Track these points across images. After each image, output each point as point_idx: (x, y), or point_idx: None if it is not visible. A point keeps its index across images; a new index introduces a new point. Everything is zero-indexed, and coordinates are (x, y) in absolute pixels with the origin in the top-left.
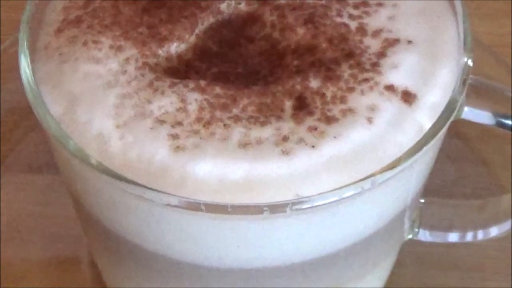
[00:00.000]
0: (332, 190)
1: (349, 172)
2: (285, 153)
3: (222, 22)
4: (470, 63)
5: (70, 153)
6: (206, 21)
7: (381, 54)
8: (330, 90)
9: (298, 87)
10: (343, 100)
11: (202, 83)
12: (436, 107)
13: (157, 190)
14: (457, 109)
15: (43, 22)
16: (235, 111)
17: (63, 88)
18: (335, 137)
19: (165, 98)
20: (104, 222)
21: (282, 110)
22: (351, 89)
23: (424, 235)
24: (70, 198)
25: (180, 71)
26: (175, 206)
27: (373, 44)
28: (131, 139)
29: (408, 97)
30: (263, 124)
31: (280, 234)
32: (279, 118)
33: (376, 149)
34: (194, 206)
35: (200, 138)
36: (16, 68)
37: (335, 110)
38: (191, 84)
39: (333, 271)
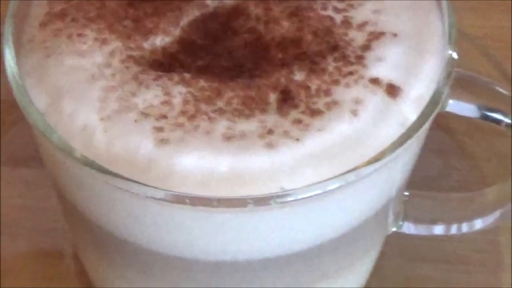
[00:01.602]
0: (316, 183)
1: (334, 165)
2: (270, 146)
3: (207, 15)
4: (455, 55)
5: (54, 146)
6: (191, 14)
7: (366, 47)
8: (314, 83)
9: (282, 80)
10: (327, 93)
11: (187, 76)
12: (421, 100)
13: (141, 183)
14: (441, 101)
15: (28, 15)
16: (220, 104)
17: (47, 81)
18: (319, 130)
19: (150, 91)
20: (89, 215)
21: (267, 103)
22: (335, 82)
23: (409, 228)
24: (55, 192)
25: (165, 64)
26: (159, 199)
27: (358, 37)
28: (116, 132)
29: (392, 90)
30: (247, 117)
31: (265, 227)
32: (263, 111)
33: (361, 142)
34: (179, 199)
35: (185, 131)
36: (0, 61)
37: (320, 103)
38: (176, 77)
39: (317, 263)
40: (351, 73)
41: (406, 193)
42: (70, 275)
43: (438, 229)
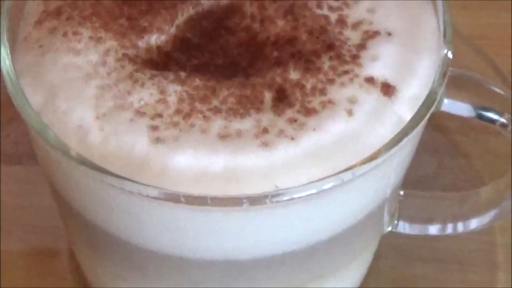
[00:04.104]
0: (311, 182)
1: (329, 164)
2: (265, 145)
3: (202, 13)
4: (450, 55)
5: (49, 144)
6: (186, 12)
7: (361, 46)
8: (310, 82)
9: (278, 79)
10: (322, 92)
11: (182, 74)
12: (416, 99)
13: (136, 182)
14: (436, 101)
15: (23, 13)
16: (215, 102)
17: (43, 79)
18: (314, 129)
19: (145, 89)
20: (84, 213)
21: (262, 102)
22: (331, 81)
23: (404, 228)
24: (50, 190)
25: (160, 62)
26: (154, 197)
27: (353, 36)
28: (111, 130)
29: (387, 89)
30: (242, 116)
31: (260, 226)
32: (259, 110)
33: (356, 141)
34: (174, 198)
35: (180, 130)
36: None
37: (315, 102)
38: (171, 76)
39: (312, 263)
40: (346, 72)
41: (401, 193)
42: (66, 273)
43: (433, 229)
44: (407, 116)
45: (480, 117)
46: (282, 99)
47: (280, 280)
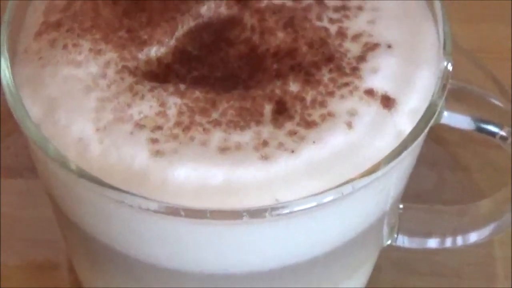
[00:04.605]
0: (311, 195)
1: (329, 177)
2: (265, 158)
3: (202, 25)
4: (449, 67)
5: (49, 157)
6: (186, 24)
7: (361, 58)
8: (310, 94)
9: (277, 91)
10: (322, 104)
11: (182, 87)
12: (416, 112)
13: (136, 195)
14: (436, 113)
15: (23, 24)
16: (215, 115)
17: (43, 91)
18: (314, 142)
19: (145, 102)
20: (84, 226)
21: (262, 115)
22: (330, 94)
23: (403, 241)
24: (50, 202)
25: (160, 74)
26: (154, 210)
27: (353, 48)
28: (111, 143)
29: (387, 101)
30: (242, 128)
31: (259, 239)
32: (258, 122)
33: (356, 154)
34: (173, 211)
35: (180, 143)
36: None
37: (315, 115)
38: (171, 88)
39: (311, 276)
40: (346, 84)
41: (401, 206)
42: (65, 286)
43: (433, 242)
44: (407, 128)
45: (480, 130)
46: (282, 111)
47: None
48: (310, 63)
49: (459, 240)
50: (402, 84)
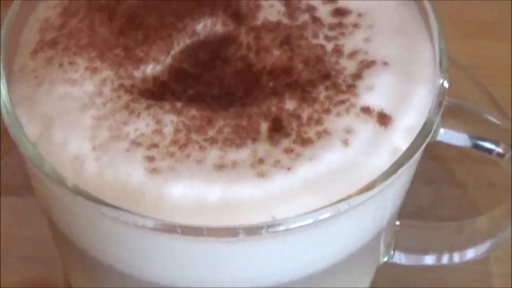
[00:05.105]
0: (307, 213)
1: (325, 194)
2: (261, 175)
3: (198, 43)
4: (446, 84)
5: (45, 175)
6: (182, 42)
7: (357, 76)
8: (306, 112)
9: (274, 109)
10: (319, 122)
11: (178, 105)
12: (412, 129)
13: (132, 212)
14: (433, 130)
15: (19, 43)
16: (211, 133)
17: (39, 110)
18: (310, 159)
19: (141, 120)
20: (80, 244)
21: (258, 132)
22: (327, 111)
23: (400, 258)
24: (46, 220)
25: (156, 92)
26: (151, 228)
27: (349, 66)
28: (107, 161)
29: (383, 119)
30: (238, 146)
31: (256, 256)
32: (255, 140)
33: (352, 171)
34: (170, 229)
35: (176, 160)
36: None
37: (311, 132)
38: (167, 106)
39: None
40: (342, 102)
41: (397, 223)
42: None
43: (429, 259)
44: (403, 145)
45: (477, 146)
46: (278, 129)
47: None
48: (306, 81)
49: (456, 257)
50: (398, 101)
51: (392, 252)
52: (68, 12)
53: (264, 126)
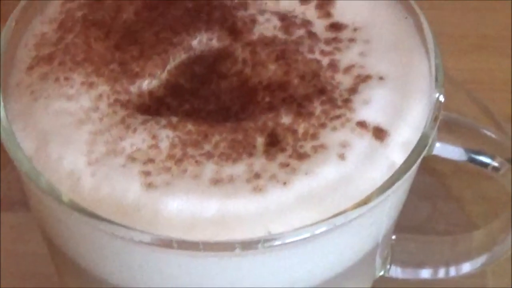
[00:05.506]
0: (304, 227)
1: (321, 209)
2: (257, 190)
3: (194, 58)
4: (441, 98)
5: (42, 190)
6: (178, 57)
7: (353, 90)
8: (302, 127)
9: (269, 123)
10: (314, 136)
11: (174, 119)
12: (408, 143)
13: (129, 227)
14: (428, 145)
15: (15, 58)
16: (207, 147)
17: (35, 125)
18: (306, 173)
19: (137, 135)
20: (76, 259)
21: (254, 147)
22: (323, 126)
23: (396, 272)
24: (41, 236)
25: (152, 107)
26: (146, 243)
27: (345, 80)
28: (103, 176)
29: (379, 133)
30: (235, 161)
31: (252, 271)
32: (251, 154)
33: (348, 185)
34: (166, 243)
35: (172, 175)
36: None
37: (307, 147)
38: (163, 121)
39: None
40: (338, 116)
41: (393, 237)
42: None
43: (426, 273)
44: (399, 160)
45: (472, 161)
46: (274, 143)
47: None
48: (302, 96)
49: (452, 271)
50: (394, 115)
51: (388, 266)
52: (63, 27)
53: (260, 140)
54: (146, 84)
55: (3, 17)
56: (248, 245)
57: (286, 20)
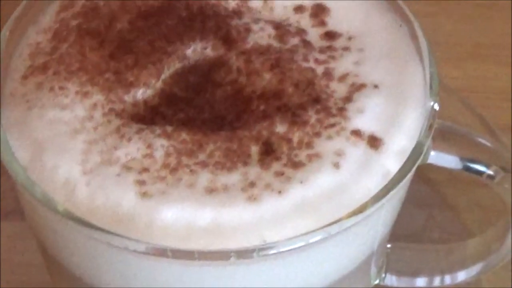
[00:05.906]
0: (299, 235)
1: (316, 217)
2: (252, 199)
3: (189, 67)
4: (436, 107)
5: (36, 200)
6: (172, 66)
7: (348, 99)
8: (296, 135)
9: (264, 132)
10: (309, 145)
11: (169, 129)
12: (403, 152)
13: (123, 236)
14: (423, 153)
15: (10, 68)
16: (202, 157)
17: (29, 134)
18: (301, 182)
19: (132, 144)
20: (72, 269)
21: (249, 156)
22: (317, 134)
23: (391, 281)
24: (37, 245)
25: (146, 117)
26: (141, 252)
27: (339, 89)
28: (98, 185)
29: (374, 142)
30: (229, 169)
31: (247, 280)
32: (245, 163)
33: (343, 194)
34: (161, 252)
35: (167, 184)
36: None
37: (302, 155)
38: (158, 130)
39: None
40: (332, 125)
41: (389, 245)
42: None
43: (421, 282)
44: (394, 168)
45: (467, 169)
46: (269, 152)
47: None
48: (296, 104)
49: (447, 279)
50: (389, 124)
51: (383, 274)
52: (58, 37)
53: (254, 149)
54: (141, 93)
55: (3, 17)
56: (243, 254)
57: (281, 28)
